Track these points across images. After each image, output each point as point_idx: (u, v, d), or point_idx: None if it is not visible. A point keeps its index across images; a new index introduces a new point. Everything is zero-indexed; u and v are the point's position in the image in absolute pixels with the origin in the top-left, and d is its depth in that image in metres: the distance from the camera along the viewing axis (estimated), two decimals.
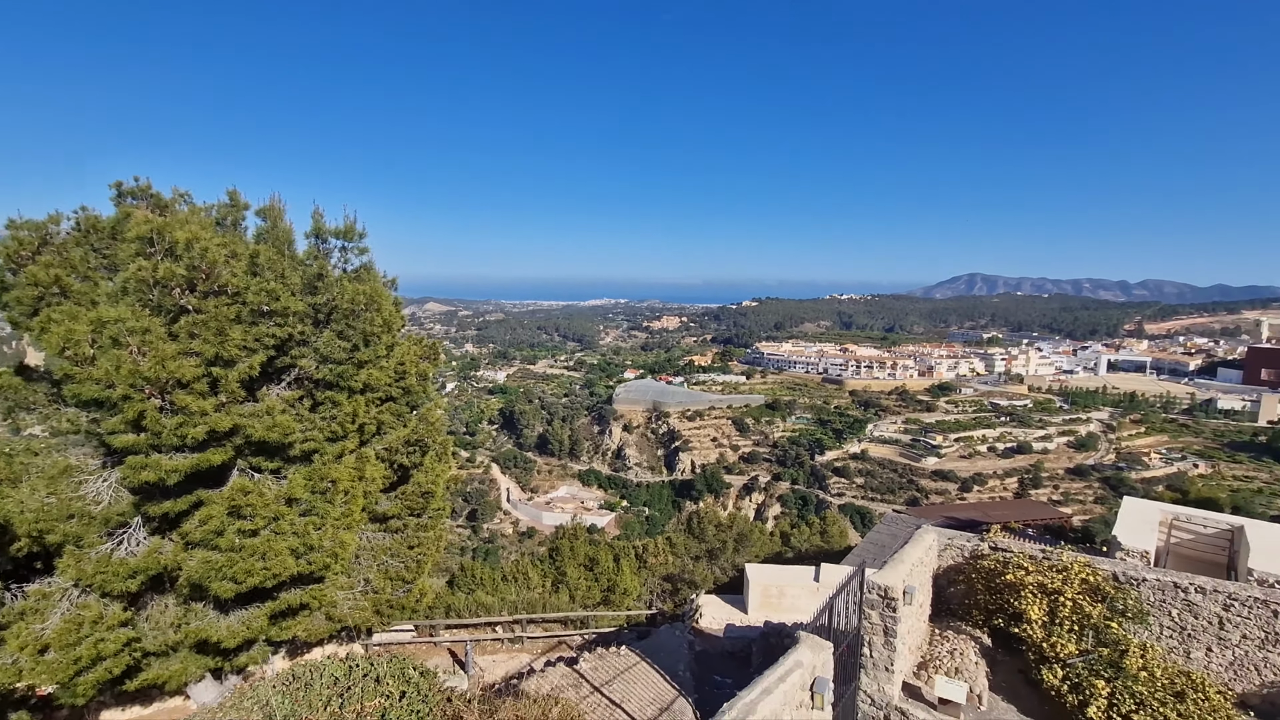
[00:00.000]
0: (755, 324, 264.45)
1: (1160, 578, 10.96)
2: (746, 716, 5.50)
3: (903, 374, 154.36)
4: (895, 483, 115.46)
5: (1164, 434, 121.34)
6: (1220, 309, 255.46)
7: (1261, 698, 10.36)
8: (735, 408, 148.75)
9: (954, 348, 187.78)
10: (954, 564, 12.61)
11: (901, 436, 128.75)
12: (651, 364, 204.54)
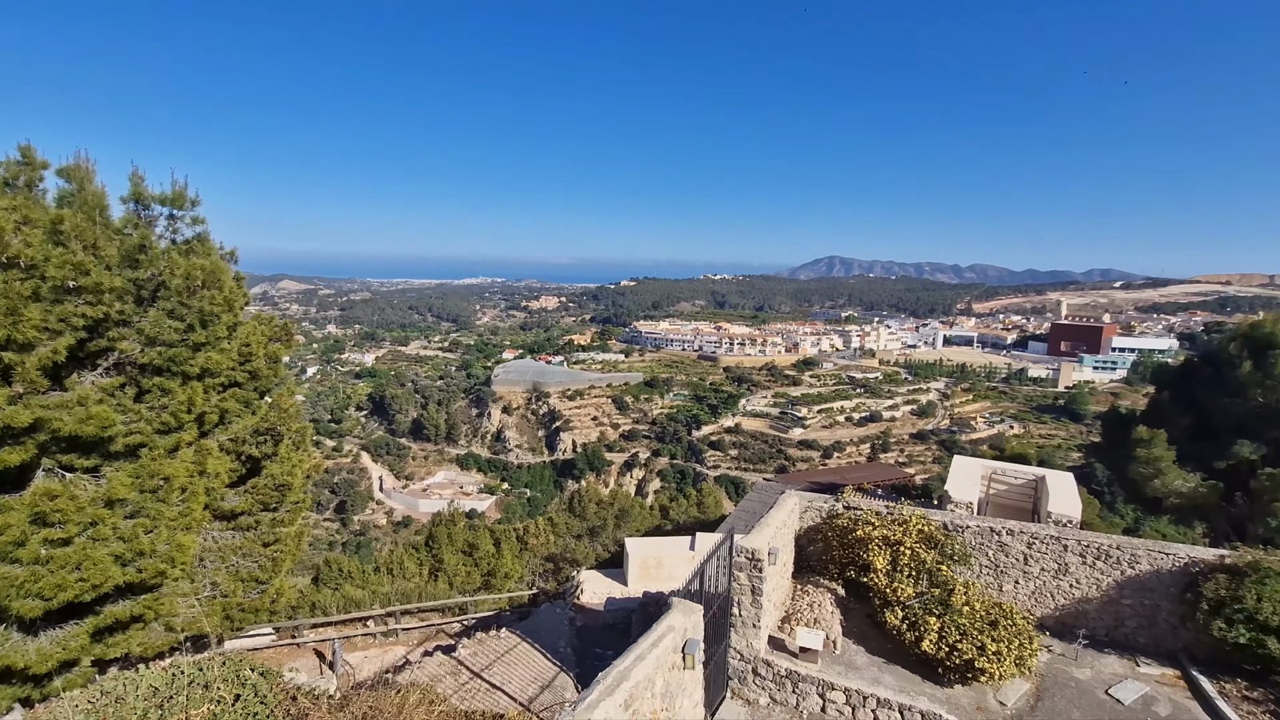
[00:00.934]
0: (633, 303, 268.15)
1: (980, 524, 12.53)
2: (620, 683, 5.66)
3: (772, 351, 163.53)
4: (766, 453, 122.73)
5: (988, 400, 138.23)
6: (1031, 290, 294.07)
7: (1055, 619, 12.21)
8: (615, 386, 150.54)
9: (816, 325, 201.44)
10: (814, 524, 13.65)
11: (771, 410, 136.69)
12: (531, 344, 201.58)
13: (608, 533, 30.65)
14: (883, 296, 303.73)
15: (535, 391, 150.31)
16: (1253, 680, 10.57)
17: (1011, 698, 10.55)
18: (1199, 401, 21.27)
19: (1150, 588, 11.48)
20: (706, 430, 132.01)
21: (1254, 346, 19.40)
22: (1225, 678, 10.75)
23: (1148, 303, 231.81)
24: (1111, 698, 10.59)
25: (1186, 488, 20.20)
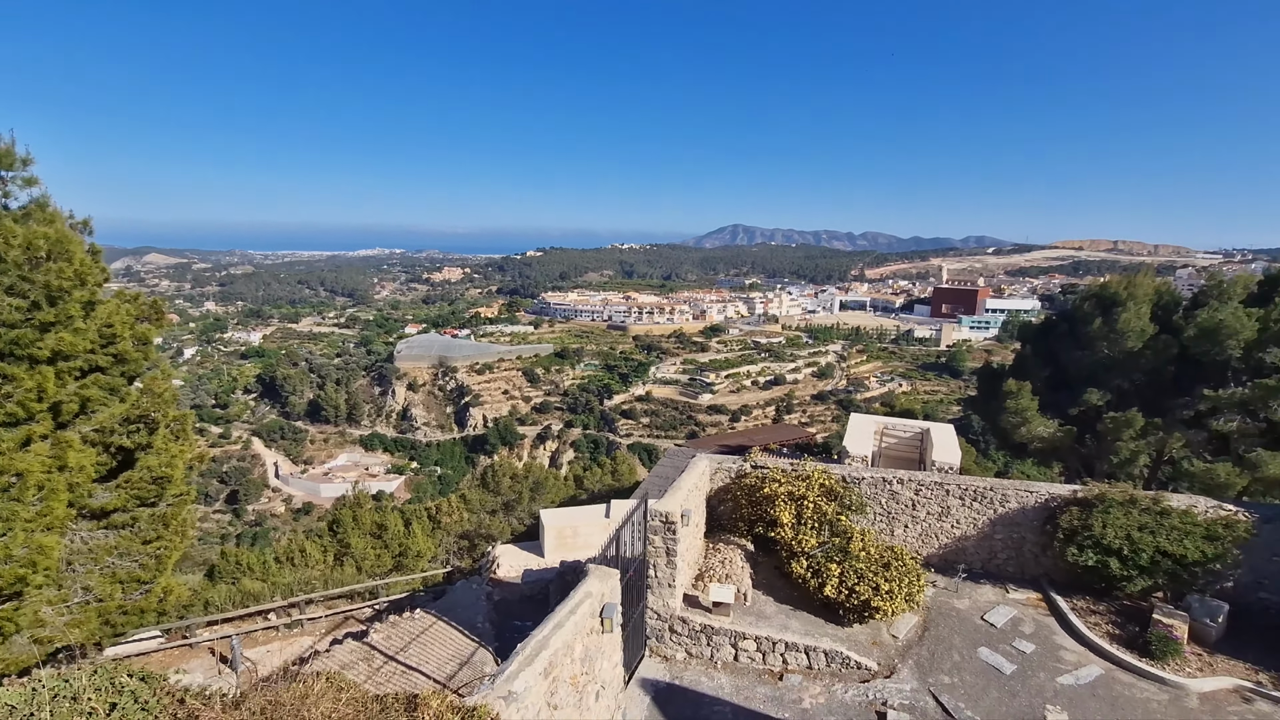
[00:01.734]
0: (540, 274, 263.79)
1: (874, 475, 13.45)
2: (540, 651, 5.69)
3: (680, 318, 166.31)
4: (677, 419, 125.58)
5: (880, 360, 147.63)
6: (916, 257, 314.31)
7: (939, 557, 13.39)
8: (525, 358, 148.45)
9: (722, 293, 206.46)
10: (723, 485, 14.17)
11: (680, 377, 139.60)
12: (435, 318, 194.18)
13: (523, 506, 30.47)
14: (784, 264, 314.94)
15: (442, 367, 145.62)
16: (1097, 596, 12.11)
17: (902, 630, 11.55)
18: (1057, 355, 23.62)
19: (1017, 523, 12.81)
20: (618, 399, 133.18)
21: (1102, 305, 21.71)
22: (1077, 596, 12.24)
23: (1015, 267, 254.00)
24: (986, 622, 11.82)
25: (1047, 433, 22.50)
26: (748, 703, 10.26)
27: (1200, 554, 11.15)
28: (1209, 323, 18.79)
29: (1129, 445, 20.96)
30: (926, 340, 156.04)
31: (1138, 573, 11.41)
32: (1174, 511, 11.57)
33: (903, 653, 11.10)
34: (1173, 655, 10.47)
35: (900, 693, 10.23)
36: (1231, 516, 11.53)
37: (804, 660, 10.94)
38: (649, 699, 10.33)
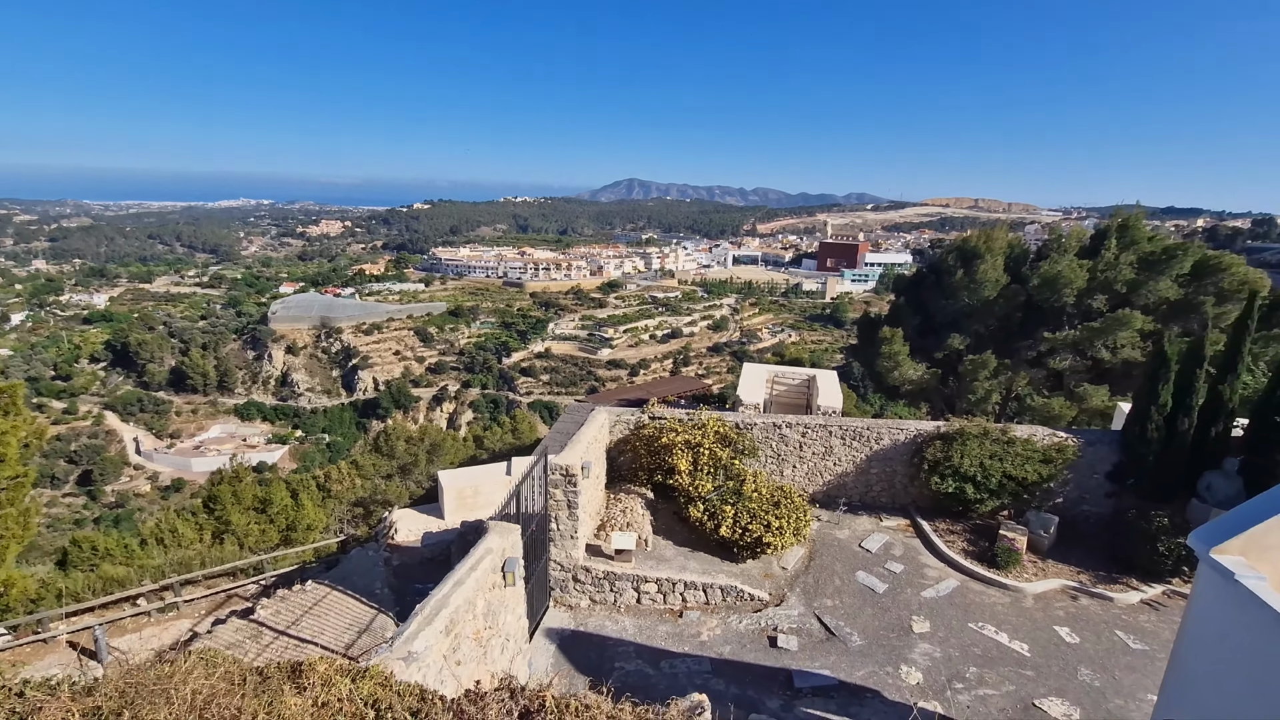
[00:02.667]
0: (429, 228, 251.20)
1: (765, 421, 14.18)
2: (440, 610, 5.65)
3: (577, 274, 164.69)
4: (577, 375, 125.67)
5: (771, 313, 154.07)
6: (804, 212, 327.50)
7: (823, 493, 14.43)
8: (416, 318, 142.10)
9: (619, 248, 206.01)
10: (623, 436, 14.44)
11: (579, 333, 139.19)
12: (314, 275, 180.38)
13: (420, 469, 29.66)
14: (679, 219, 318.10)
15: (324, 328, 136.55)
16: (956, 518, 13.60)
17: (791, 562, 12.46)
18: (926, 305, 25.67)
19: (890, 458, 14.03)
20: (517, 357, 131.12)
21: (963, 258, 23.70)
22: (939, 520, 13.68)
23: (891, 223, 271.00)
24: (863, 549, 12.98)
25: (916, 375, 24.59)
26: (650, 641, 10.76)
27: (1038, 476, 12.76)
28: (1049, 273, 21.01)
29: (984, 384, 23.30)
30: (813, 293, 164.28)
31: (988, 495, 12.90)
32: (1018, 440, 13.11)
33: (791, 582, 12.00)
34: (1014, 564, 12.02)
35: (789, 617, 11.10)
36: (1062, 442, 13.22)
37: (702, 597, 11.58)
38: (554, 647, 10.59)
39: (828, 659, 10.15)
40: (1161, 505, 12.02)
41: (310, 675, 2.41)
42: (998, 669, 9.91)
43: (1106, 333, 20.51)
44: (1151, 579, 11.79)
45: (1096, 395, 21.16)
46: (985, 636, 10.60)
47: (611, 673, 9.85)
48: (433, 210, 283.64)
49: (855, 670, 9.88)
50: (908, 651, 10.27)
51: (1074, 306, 21.72)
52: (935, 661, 10.05)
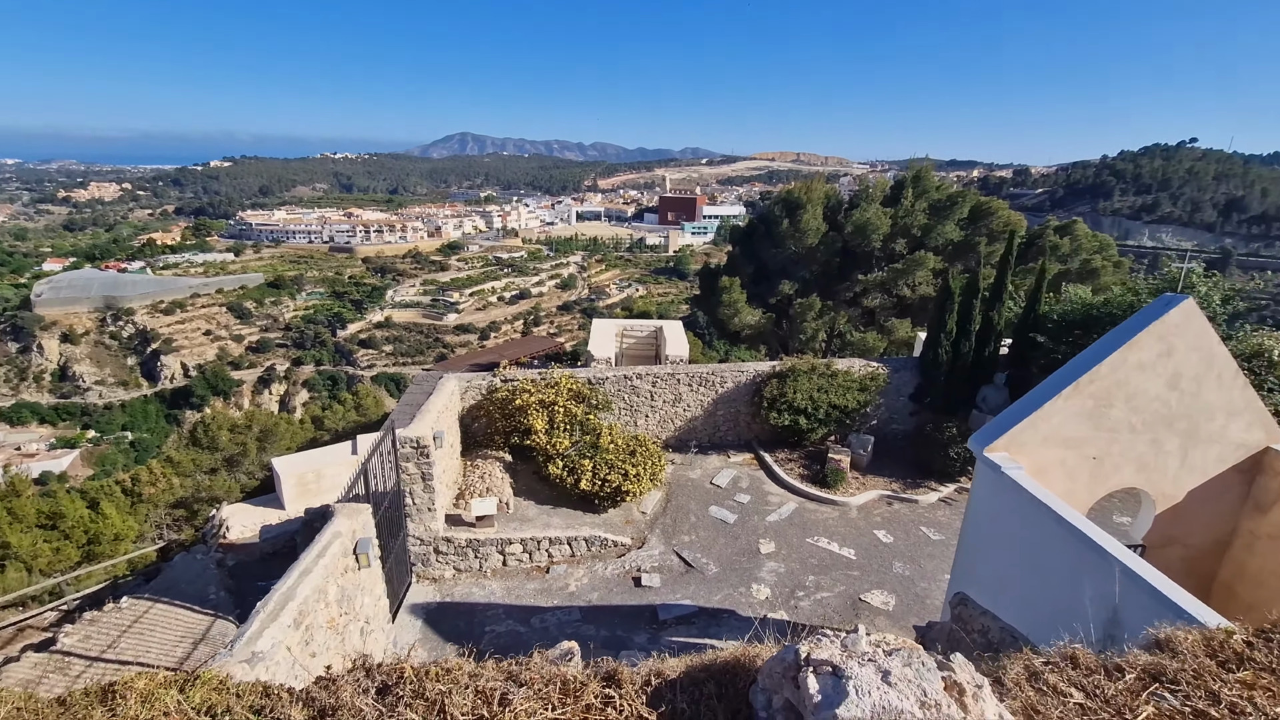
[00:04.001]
0: (234, 190, 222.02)
1: (616, 374, 14.53)
2: (286, 603, 5.30)
3: (414, 236, 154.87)
4: (423, 344, 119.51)
5: (617, 269, 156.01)
6: (642, 167, 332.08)
7: (676, 438, 15.19)
8: (228, 292, 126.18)
9: (457, 207, 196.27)
10: (475, 402, 14.11)
11: (422, 299, 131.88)
12: (89, 249, 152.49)
13: (251, 459, 26.90)
14: (519, 175, 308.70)
15: (110, 310, 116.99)
16: (792, 448, 14.99)
17: (650, 506, 13.08)
18: (758, 254, 27.43)
19: (734, 399, 15.06)
20: (354, 329, 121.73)
21: (788, 208, 25.52)
22: (779, 451, 15.00)
23: (725, 176, 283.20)
24: (714, 485, 13.93)
25: (754, 320, 26.39)
26: (519, 600, 10.88)
27: (857, 403, 14.39)
28: (860, 220, 23.26)
29: (812, 324, 25.55)
30: (657, 247, 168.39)
31: (818, 424, 14.35)
32: (839, 373, 14.64)
33: (651, 524, 12.63)
34: (841, 482, 13.57)
35: (651, 558, 11.73)
36: (875, 371, 14.98)
37: (567, 550, 11.85)
38: (420, 622, 10.36)
39: (688, 589, 10.91)
40: (951, 417, 14.13)
41: (127, 694, 2.17)
42: (831, 574, 11.26)
43: (907, 273, 23.26)
44: (946, 480, 13.92)
45: (902, 328, 24.07)
46: (820, 548, 11.96)
47: (482, 637, 9.88)
48: (236, 169, 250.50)
49: (713, 595, 10.74)
50: (757, 571, 11.32)
51: (881, 250, 24.32)
52: (780, 576, 11.19)
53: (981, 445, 6.97)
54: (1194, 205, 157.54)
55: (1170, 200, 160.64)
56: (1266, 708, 2.60)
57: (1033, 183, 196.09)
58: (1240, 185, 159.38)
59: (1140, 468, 7.03)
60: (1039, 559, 6.23)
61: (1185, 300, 6.40)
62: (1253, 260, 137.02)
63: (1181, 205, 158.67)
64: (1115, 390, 6.70)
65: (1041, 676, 2.78)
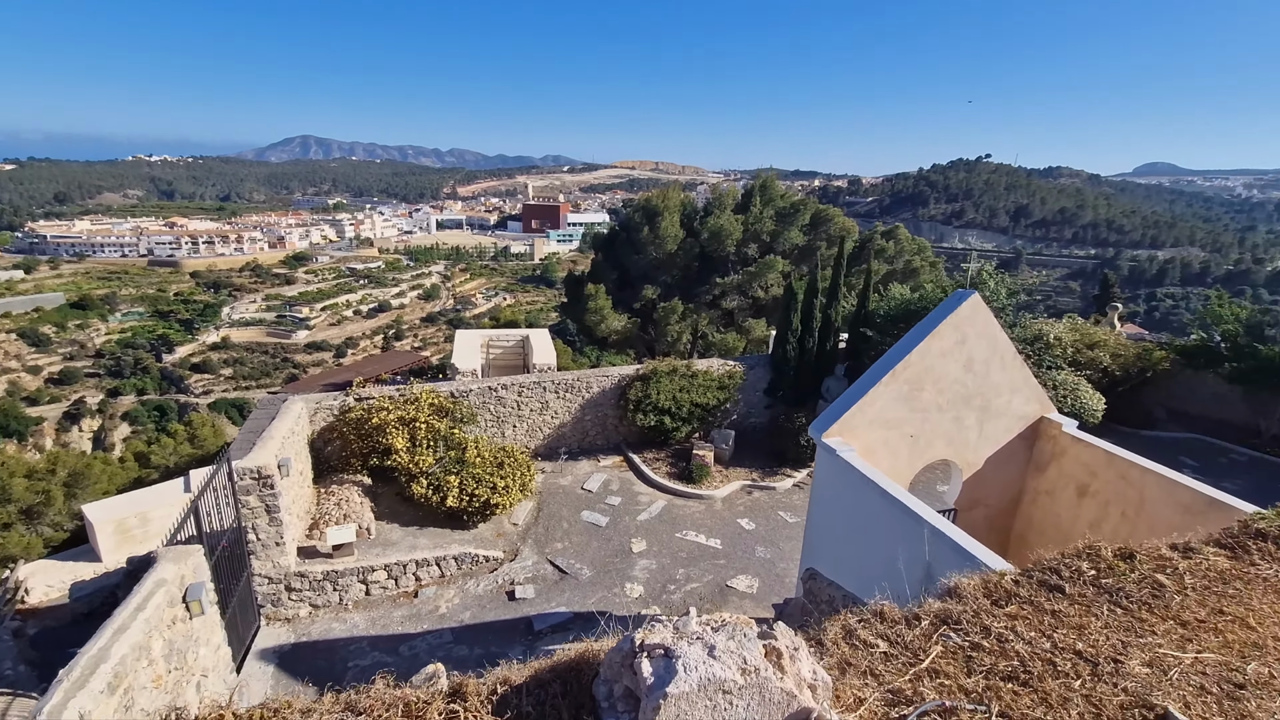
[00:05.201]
0: (21, 197, 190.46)
1: (480, 385, 14.24)
2: (98, 666, 4.68)
3: (252, 248, 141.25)
4: (269, 365, 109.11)
5: (483, 278, 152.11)
6: (503, 174, 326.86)
7: (545, 446, 15.14)
8: (19, 316, 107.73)
9: (302, 215, 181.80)
10: (328, 424, 13.21)
11: (265, 315, 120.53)
12: None
13: (56, 508, 23.18)
14: (371, 181, 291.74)
15: None
16: (659, 447, 15.47)
17: (521, 516, 12.93)
18: (621, 260, 27.99)
19: (601, 403, 15.28)
20: (184, 351, 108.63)
21: (647, 216, 26.30)
22: (647, 451, 15.42)
23: (587, 184, 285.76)
24: (585, 490, 14.04)
25: (620, 325, 26.88)
26: (385, 629, 10.33)
27: (717, 400, 15.15)
28: (714, 227, 24.49)
29: (676, 327, 26.47)
30: (522, 255, 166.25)
31: (682, 423, 14.93)
32: (700, 373, 15.34)
33: (523, 535, 12.50)
34: (706, 477, 14.22)
35: (524, 569, 11.60)
36: (732, 369, 15.86)
37: (436, 571, 11.42)
38: (273, 667, 9.53)
39: (563, 597, 10.93)
40: (801, 408, 15.29)
41: None
42: (700, 565, 11.77)
43: (760, 275, 24.81)
44: (799, 466, 15.03)
45: (758, 327, 25.62)
46: (689, 541, 12.45)
47: (345, 674, 9.25)
48: (23, 172, 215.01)
49: (587, 600, 10.83)
50: (630, 570, 11.57)
51: (735, 255, 25.75)
52: (652, 573, 11.52)
53: (820, 431, 7.64)
54: (991, 212, 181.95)
55: (974, 208, 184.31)
56: (1023, 633, 3.13)
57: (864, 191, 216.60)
58: (1025, 195, 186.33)
59: (948, 442, 8.05)
60: (870, 529, 6.95)
61: (972, 295, 7.44)
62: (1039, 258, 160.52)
63: (982, 212, 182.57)
64: (924, 375, 7.64)
65: (855, 633, 3.15)
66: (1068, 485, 8.01)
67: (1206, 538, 4.14)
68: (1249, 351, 15.83)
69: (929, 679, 2.78)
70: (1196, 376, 17.26)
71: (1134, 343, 17.88)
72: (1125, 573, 3.68)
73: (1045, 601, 3.44)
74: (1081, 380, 13.88)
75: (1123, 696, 2.70)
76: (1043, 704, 2.66)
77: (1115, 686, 2.76)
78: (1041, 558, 3.99)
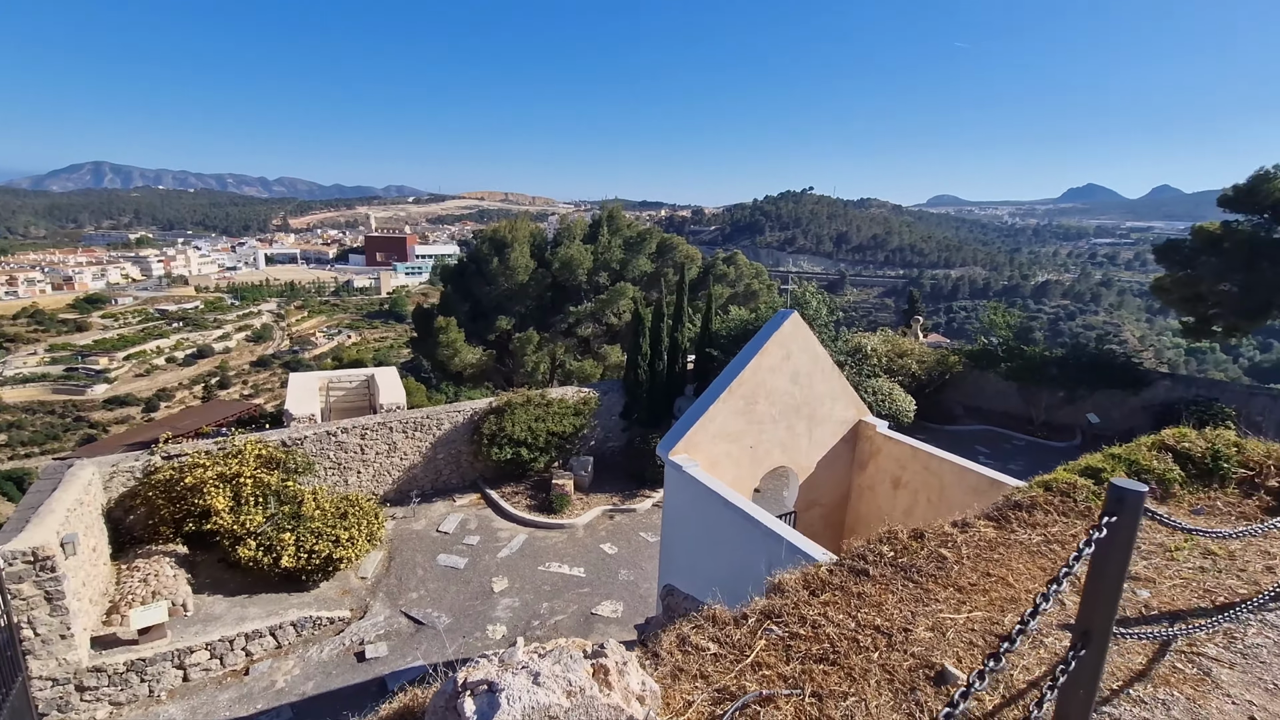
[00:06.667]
0: None
1: (318, 431, 13.18)
2: None
3: (30, 290, 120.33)
4: (58, 426, 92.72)
5: (323, 315, 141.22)
6: (342, 204, 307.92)
7: (394, 490, 14.30)
8: None
9: (96, 252, 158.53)
10: (129, 490, 11.52)
11: (51, 369, 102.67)
12: None
13: None
14: (183, 213, 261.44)
15: None
16: (518, 480, 15.19)
17: (370, 569, 12.05)
18: (472, 292, 27.36)
19: (453, 441, 14.73)
20: None
21: (496, 247, 26.02)
22: (505, 485, 15.06)
23: (435, 215, 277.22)
24: (441, 533, 13.40)
25: (474, 359, 26.16)
26: (210, 717, 9.09)
27: (573, 427, 15.20)
28: (564, 257, 24.77)
29: (532, 357, 26.25)
30: (368, 289, 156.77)
31: (539, 453, 14.78)
32: (554, 401, 15.32)
33: (373, 589, 11.63)
34: (566, 505, 14.15)
35: (375, 625, 10.78)
36: (587, 396, 16.02)
37: (271, 642, 10.28)
38: None
39: (419, 650, 10.28)
40: (655, 429, 15.76)
41: None
42: (564, 596, 11.63)
43: (611, 302, 25.38)
44: (657, 486, 15.40)
45: (614, 353, 26.12)
46: (552, 573, 12.28)
47: None
48: None
49: (447, 649, 10.28)
50: (492, 611, 11.16)
51: (587, 283, 26.16)
52: (515, 611, 11.20)
53: (667, 449, 7.94)
54: (818, 239, 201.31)
55: (803, 235, 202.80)
56: (834, 617, 3.46)
57: (707, 220, 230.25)
58: (844, 223, 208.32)
59: (784, 449, 8.71)
60: (718, 539, 7.31)
61: (792, 314, 8.18)
62: (859, 279, 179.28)
63: (810, 238, 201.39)
64: (758, 389, 8.23)
65: (688, 639, 3.30)
66: (884, 479, 8.97)
67: (979, 513, 4.83)
68: (1019, 352, 18.76)
69: (752, 673, 2.98)
70: (983, 376, 20.11)
71: (935, 350, 20.50)
72: (917, 551, 4.19)
73: (853, 585, 3.83)
74: (896, 385, 15.65)
75: (911, 660, 3.07)
76: (848, 679, 2.95)
77: (905, 653, 3.14)
78: (852, 546, 4.44)
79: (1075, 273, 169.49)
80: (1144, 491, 1.92)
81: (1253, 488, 5.04)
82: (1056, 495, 4.82)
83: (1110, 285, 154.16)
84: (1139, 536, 4.43)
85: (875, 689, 2.90)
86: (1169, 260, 20.24)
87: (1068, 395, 18.56)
